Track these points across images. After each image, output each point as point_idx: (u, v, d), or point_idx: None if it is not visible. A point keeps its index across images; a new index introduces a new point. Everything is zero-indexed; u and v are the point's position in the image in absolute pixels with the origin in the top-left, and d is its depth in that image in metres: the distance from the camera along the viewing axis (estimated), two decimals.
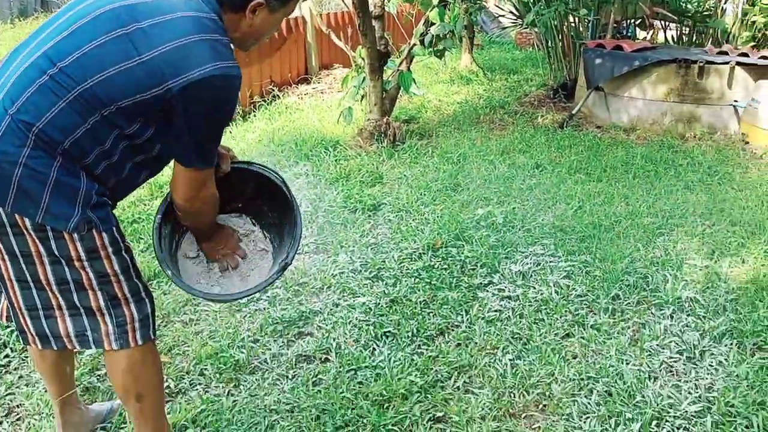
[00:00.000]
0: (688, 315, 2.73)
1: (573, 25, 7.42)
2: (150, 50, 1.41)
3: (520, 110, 6.34)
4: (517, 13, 9.15)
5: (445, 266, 3.19)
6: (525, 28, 9.07)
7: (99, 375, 2.37)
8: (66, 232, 1.48)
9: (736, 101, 5.47)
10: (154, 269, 3.14)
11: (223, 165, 1.76)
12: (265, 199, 1.93)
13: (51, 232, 1.47)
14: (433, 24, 5.15)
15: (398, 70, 5.27)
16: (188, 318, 2.79)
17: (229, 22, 1.55)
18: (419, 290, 2.96)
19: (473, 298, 2.89)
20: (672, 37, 7.78)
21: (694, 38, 7.46)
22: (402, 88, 5.13)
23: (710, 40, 7.33)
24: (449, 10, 5.23)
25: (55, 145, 1.44)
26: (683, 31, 7.58)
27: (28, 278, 1.53)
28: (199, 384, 2.35)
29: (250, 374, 2.38)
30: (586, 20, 7.32)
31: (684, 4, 7.13)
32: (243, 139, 5.29)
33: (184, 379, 2.38)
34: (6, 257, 1.52)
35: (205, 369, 2.43)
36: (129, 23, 1.43)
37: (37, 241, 1.48)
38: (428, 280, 3.04)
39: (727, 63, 5.43)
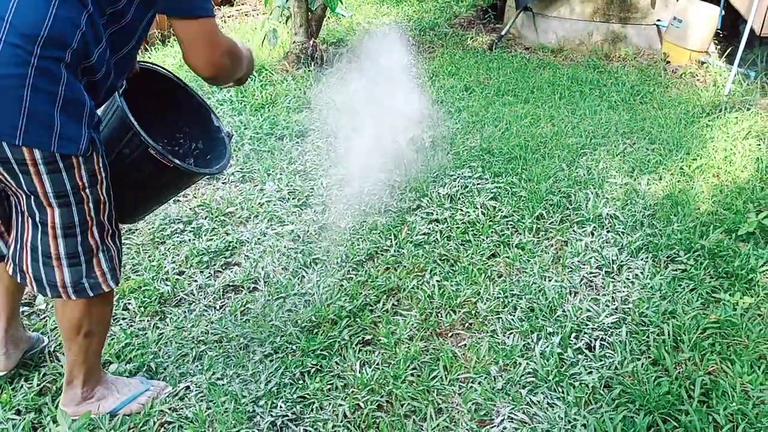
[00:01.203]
0: (608, 231, 2.83)
1: None
2: None
3: (450, 32, 6.23)
4: None
5: (374, 192, 3.17)
6: None
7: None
8: (77, 156, 1.42)
9: (659, 20, 5.54)
10: None
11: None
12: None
13: (61, 162, 1.41)
14: None
15: None
16: None
17: None
18: (348, 216, 2.95)
19: (402, 222, 2.90)
20: None
21: None
22: (328, 8, 4.94)
23: None
24: None
25: (59, 55, 1.35)
26: None
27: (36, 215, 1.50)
28: (123, 319, 2.29)
29: (176, 306, 2.34)
30: None
31: None
32: (163, 65, 5.01)
33: None
34: (11, 183, 1.45)
35: (129, 304, 2.37)
36: None
37: (44, 176, 1.41)
38: (357, 206, 3.03)
39: None
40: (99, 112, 1.56)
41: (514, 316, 2.28)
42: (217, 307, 2.34)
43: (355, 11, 7.04)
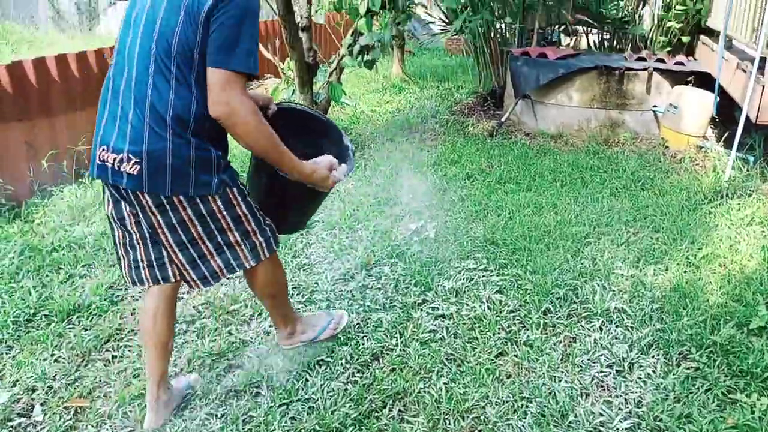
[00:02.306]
0: (617, 326, 2.79)
1: (500, 30, 7.55)
2: None
3: (451, 119, 6.38)
4: (446, 20, 9.24)
5: (379, 286, 3.15)
6: (454, 35, 9.18)
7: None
8: (210, 195, 1.91)
9: (655, 106, 5.67)
10: (74, 304, 2.99)
11: (271, 105, 2.26)
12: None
13: (199, 199, 1.90)
14: (361, 34, 5.11)
15: (328, 81, 5.22)
16: (110, 355, 2.66)
17: None
18: (353, 312, 2.91)
19: (407, 318, 2.86)
20: (594, 42, 8.01)
21: (615, 43, 7.71)
22: (332, 99, 5.08)
23: (630, 44, 7.59)
24: (378, 19, 5.22)
25: (184, 126, 1.81)
26: (604, 36, 7.82)
27: (185, 240, 1.97)
28: (123, 428, 2.23)
29: (177, 417, 2.27)
30: (512, 27, 7.46)
31: (604, 11, 7.35)
32: None
33: (105, 424, 2.25)
34: (166, 230, 1.94)
35: (130, 411, 2.31)
36: None
37: (188, 209, 1.90)
38: (362, 302, 3.00)
39: (645, 69, 5.63)
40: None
41: (524, 422, 2.21)
42: (219, 415, 2.28)
43: (359, 99, 7.24)
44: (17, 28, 11.52)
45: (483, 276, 3.22)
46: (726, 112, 5.45)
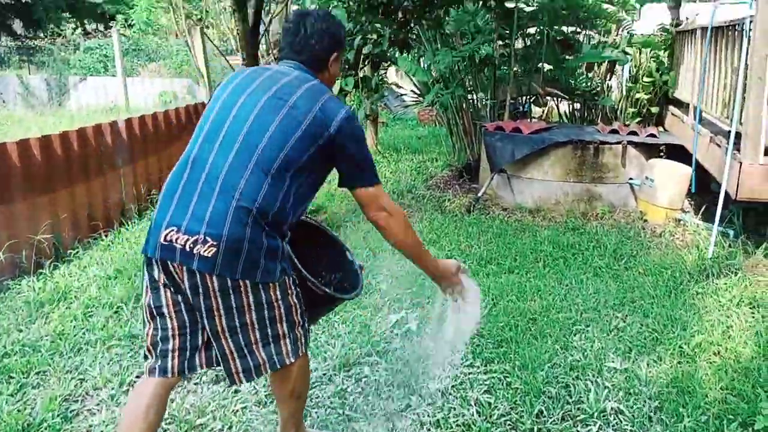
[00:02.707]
0: (615, 430, 2.60)
1: (472, 101, 7.59)
2: (309, 112, 1.96)
3: (428, 194, 6.30)
4: (418, 92, 9.34)
5: (359, 390, 2.94)
6: (426, 106, 9.25)
7: None
8: (273, 282, 1.97)
9: (631, 179, 5.66)
10: (23, 424, 2.71)
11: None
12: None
13: (261, 285, 1.96)
14: None
15: None
16: None
17: (320, 78, 2.13)
18: (331, 422, 2.69)
19: (391, 430, 2.64)
20: (565, 112, 8.11)
21: (586, 114, 7.80)
22: None
23: (600, 115, 7.69)
24: (351, 98, 5.17)
25: (265, 217, 1.91)
26: (575, 107, 7.93)
27: (237, 325, 1.99)
28: None
29: None
30: (484, 99, 7.52)
31: (573, 83, 7.46)
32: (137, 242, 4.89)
33: None
34: (222, 312, 1.96)
35: None
36: (286, 101, 1.97)
37: (250, 295, 1.95)
38: (341, 410, 2.78)
39: (619, 143, 5.64)
40: None
41: None
42: None
43: (333, 176, 7.14)
44: None
45: (470, 373, 3.03)
46: (701, 183, 5.45)
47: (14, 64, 17.91)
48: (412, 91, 9.65)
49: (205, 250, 1.87)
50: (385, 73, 8.80)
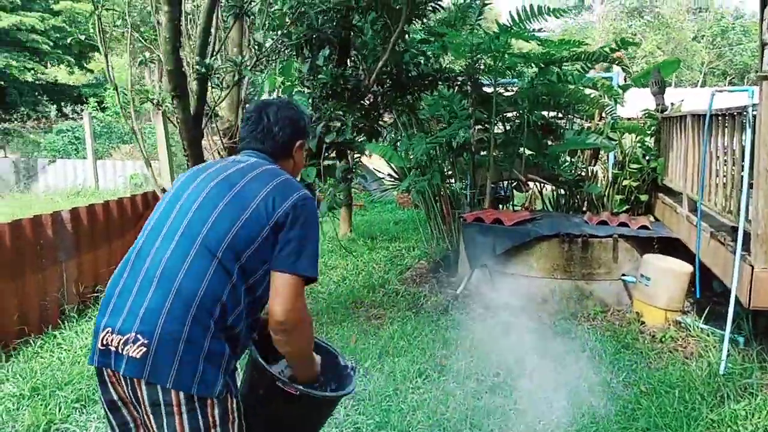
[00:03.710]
0: None
1: (450, 187, 7.14)
2: (258, 195, 1.80)
3: (402, 290, 5.73)
4: (396, 175, 8.95)
5: None
6: (404, 191, 8.84)
7: None
8: (211, 398, 1.69)
9: (624, 275, 5.15)
10: None
11: None
12: None
13: (197, 402, 1.68)
14: None
15: None
16: None
17: (283, 167, 1.99)
18: None
19: None
20: (549, 199, 7.69)
21: (571, 200, 7.38)
22: None
23: (585, 202, 7.28)
24: (315, 188, 4.67)
25: (208, 314, 1.69)
26: (560, 193, 7.51)
27: None
28: None
29: None
30: (463, 183, 7.09)
31: (556, 169, 7.06)
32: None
33: None
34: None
35: None
36: (234, 185, 1.83)
37: (184, 414, 1.67)
38: None
39: (609, 236, 5.17)
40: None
41: None
42: None
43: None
44: None
45: None
46: (702, 281, 4.94)
47: None
48: (389, 175, 9.27)
49: (134, 350, 1.65)
50: (359, 157, 8.43)
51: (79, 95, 19.76)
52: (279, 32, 3.95)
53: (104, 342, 1.70)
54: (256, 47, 3.51)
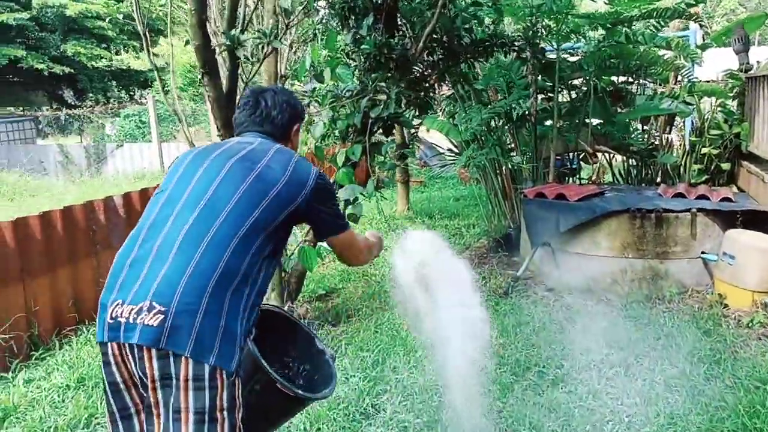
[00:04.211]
0: None
1: (511, 160, 6.72)
2: (281, 175, 1.83)
3: None
4: (456, 150, 8.59)
5: None
6: (462, 167, 8.47)
7: None
8: (224, 374, 1.63)
9: (704, 253, 4.67)
10: None
11: None
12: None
13: (208, 381, 1.61)
14: (341, 186, 4.30)
15: (303, 242, 4.35)
16: None
17: None
18: None
19: None
20: (619, 170, 7.14)
21: (644, 172, 6.83)
22: (305, 267, 4.18)
23: (660, 173, 6.73)
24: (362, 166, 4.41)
25: (227, 286, 1.66)
26: (631, 164, 6.97)
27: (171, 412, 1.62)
28: None
29: None
30: (525, 155, 6.67)
31: (627, 138, 6.52)
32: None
33: None
34: (162, 409, 1.64)
35: None
36: (255, 163, 1.84)
37: (191, 393, 1.60)
38: None
39: (687, 210, 4.68)
40: None
41: None
42: None
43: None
44: (10, 179, 11.21)
45: None
46: None
47: (57, 133, 18.19)
48: (449, 150, 8.92)
49: (150, 318, 1.58)
50: (416, 132, 8.11)
51: (145, 80, 20.20)
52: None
53: (113, 315, 1.64)
54: (283, 14, 3.26)
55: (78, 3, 16.80)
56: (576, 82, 6.66)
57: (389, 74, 4.02)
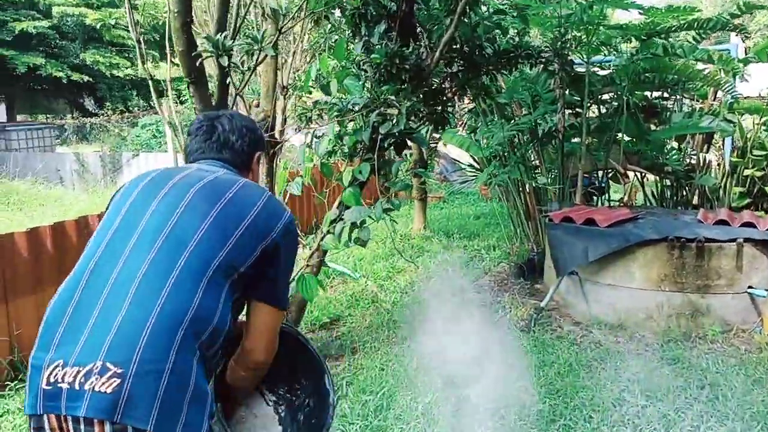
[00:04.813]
0: None
1: (535, 179, 6.28)
2: (251, 210, 1.55)
3: (476, 300, 5.01)
4: (477, 166, 8.18)
5: None
6: (484, 184, 8.06)
7: None
8: None
9: (750, 287, 4.20)
10: None
11: None
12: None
13: None
14: (347, 207, 3.91)
15: (306, 265, 3.96)
16: None
17: None
18: None
19: None
20: (652, 191, 6.66)
21: (679, 194, 6.36)
22: (303, 296, 3.80)
23: (696, 195, 6.25)
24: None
25: (198, 338, 1.40)
26: (665, 185, 6.49)
27: None
28: None
29: None
30: (550, 173, 6.23)
31: (661, 158, 6.06)
32: None
33: None
34: None
35: None
36: (223, 193, 1.55)
37: None
38: None
39: (732, 240, 4.22)
40: None
41: None
42: None
43: (365, 269, 5.98)
44: (22, 187, 11.04)
45: None
46: None
47: (80, 141, 18.13)
48: (470, 165, 8.51)
49: (102, 384, 1.28)
50: (435, 147, 7.72)
51: (164, 89, 20.13)
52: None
53: (51, 380, 1.32)
54: (272, 16, 2.91)
55: (96, 11, 16.78)
56: (606, 96, 6.23)
57: (401, 87, 3.64)
